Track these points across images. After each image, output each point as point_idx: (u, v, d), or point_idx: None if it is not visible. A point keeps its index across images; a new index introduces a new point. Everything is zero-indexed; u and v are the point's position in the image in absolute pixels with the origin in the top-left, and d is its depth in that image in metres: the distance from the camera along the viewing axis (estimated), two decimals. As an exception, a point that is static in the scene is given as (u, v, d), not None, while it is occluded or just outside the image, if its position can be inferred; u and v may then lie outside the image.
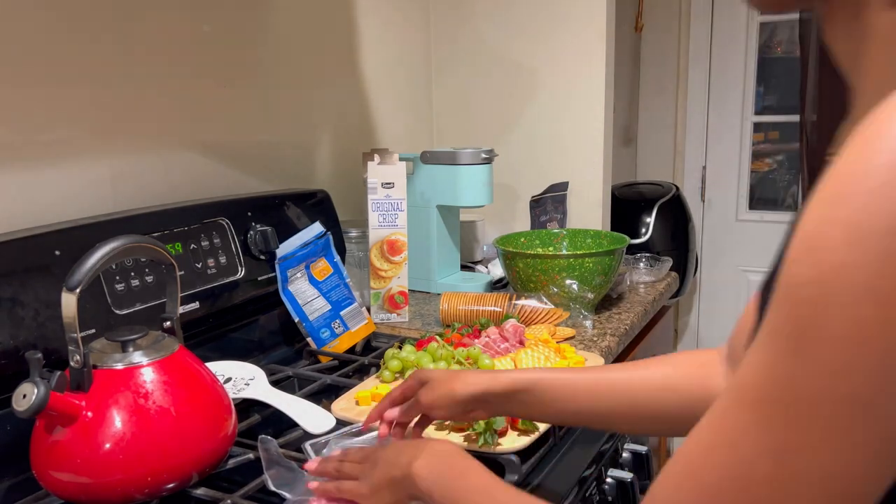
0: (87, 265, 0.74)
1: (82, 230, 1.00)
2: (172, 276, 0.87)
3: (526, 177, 1.94)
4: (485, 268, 1.79)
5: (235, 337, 1.24)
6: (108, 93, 1.15)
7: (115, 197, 1.16)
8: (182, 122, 1.28)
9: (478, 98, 1.98)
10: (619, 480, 0.98)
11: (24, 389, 0.70)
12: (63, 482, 0.75)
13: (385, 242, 1.40)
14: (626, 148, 2.83)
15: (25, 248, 0.92)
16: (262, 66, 1.45)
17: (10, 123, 1.02)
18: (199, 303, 1.12)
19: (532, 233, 1.68)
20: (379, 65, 1.80)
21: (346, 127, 1.71)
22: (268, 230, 1.24)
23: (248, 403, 1.01)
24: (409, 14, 1.93)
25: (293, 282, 1.25)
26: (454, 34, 1.98)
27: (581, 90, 1.87)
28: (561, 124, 1.91)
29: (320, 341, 1.25)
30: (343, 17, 1.68)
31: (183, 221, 1.13)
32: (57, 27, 1.06)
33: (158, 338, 0.83)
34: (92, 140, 1.13)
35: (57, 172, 1.08)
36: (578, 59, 1.84)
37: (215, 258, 1.17)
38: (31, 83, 1.04)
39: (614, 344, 1.31)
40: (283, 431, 0.95)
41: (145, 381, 0.77)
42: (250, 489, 0.81)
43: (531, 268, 1.43)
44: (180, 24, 1.26)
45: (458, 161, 1.53)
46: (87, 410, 0.74)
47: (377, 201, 1.38)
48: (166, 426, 0.77)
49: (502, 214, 1.97)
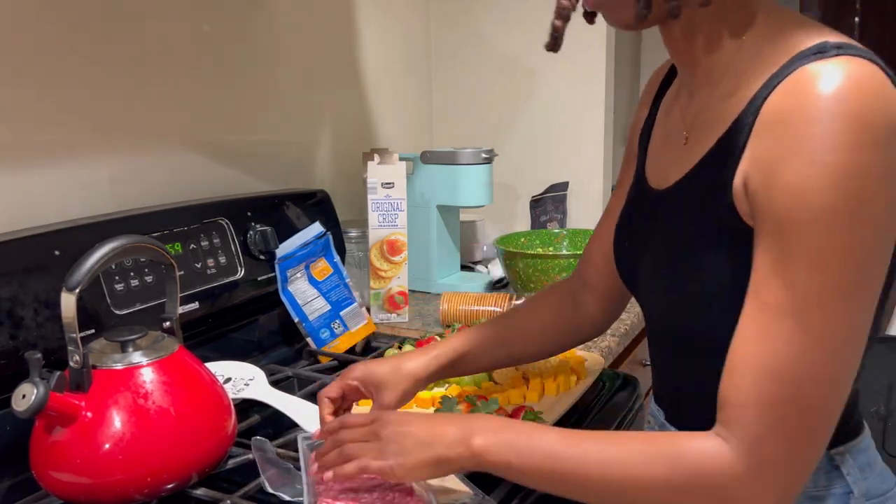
0: (86, 265, 0.74)
1: (82, 230, 1.00)
2: (172, 277, 0.86)
3: (526, 177, 1.94)
4: (485, 268, 1.79)
5: (235, 337, 1.23)
6: (108, 93, 1.15)
7: (114, 197, 1.16)
8: (181, 122, 1.28)
9: (478, 98, 1.98)
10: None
11: (24, 390, 0.70)
12: (62, 482, 0.75)
13: (385, 242, 1.40)
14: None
15: (25, 249, 0.92)
16: (262, 66, 1.44)
17: (9, 123, 1.02)
18: (199, 303, 1.12)
19: (532, 233, 1.68)
20: (379, 65, 1.80)
21: (346, 127, 1.71)
22: (267, 230, 1.24)
23: (248, 404, 1.00)
24: (408, 14, 1.92)
25: (293, 282, 1.25)
26: (454, 34, 1.97)
27: (581, 90, 1.87)
28: (561, 124, 1.91)
29: (320, 341, 1.25)
30: (343, 18, 1.68)
31: (182, 221, 1.13)
32: (56, 27, 1.06)
33: (158, 338, 0.83)
34: (91, 140, 1.13)
35: (56, 172, 1.08)
36: (578, 58, 1.83)
37: (215, 258, 1.16)
38: (31, 83, 1.04)
39: (614, 344, 1.31)
40: (282, 432, 0.95)
41: (145, 381, 0.77)
42: (250, 489, 0.81)
43: (531, 268, 1.43)
44: (180, 24, 1.26)
45: (457, 161, 1.53)
46: (87, 411, 0.74)
47: (377, 201, 1.38)
48: (166, 426, 0.76)
49: (502, 214, 1.97)
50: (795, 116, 0.56)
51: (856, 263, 0.55)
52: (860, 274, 0.56)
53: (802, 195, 0.54)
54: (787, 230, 0.56)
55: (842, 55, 0.56)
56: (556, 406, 0.98)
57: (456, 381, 1.04)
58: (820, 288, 0.55)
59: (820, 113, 0.54)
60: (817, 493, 0.69)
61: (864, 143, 0.53)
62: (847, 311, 0.56)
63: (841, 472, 0.69)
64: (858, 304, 0.57)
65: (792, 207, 0.55)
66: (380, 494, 0.74)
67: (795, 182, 0.55)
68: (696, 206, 0.65)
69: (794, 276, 0.56)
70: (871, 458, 0.71)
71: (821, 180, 0.54)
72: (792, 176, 0.55)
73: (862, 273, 0.56)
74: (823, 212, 0.54)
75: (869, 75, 0.55)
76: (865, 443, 0.71)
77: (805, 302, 0.56)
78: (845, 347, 0.57)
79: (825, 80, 0.55)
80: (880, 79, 0.55)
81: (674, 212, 0.70)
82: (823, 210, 0.54)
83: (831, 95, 0.54)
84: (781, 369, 0.56)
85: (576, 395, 1.02)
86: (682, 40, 0.69)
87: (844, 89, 0.54)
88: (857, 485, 0.69)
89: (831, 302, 0.55)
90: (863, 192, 0.54)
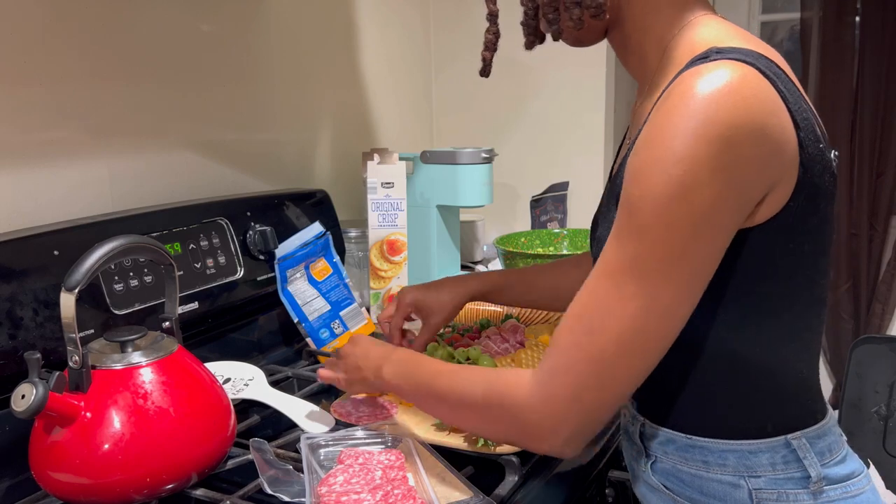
0: (85, 265, 0.73)
1: (81, 230, 0.99)
2: (171, 277, 0.86)
3: (526, 177, 1.93)
4: (485, 268, 1.79)
5: (235, 337, 1.23)
6: (107, 92, 1.14)
7: (113, 197, 1.16)
8: (181, 121, 1.28)
9: (478, 97, 1.98)
10: (619, 481, 0.98)
11: (23, 390, 0.70)
12: (62, 483, 0.75)
13: (385, 242, 1.40)
14: (626, 148, 2.82)
15: (24, 248, 0.92)
16: (261, 65, 1.44)
17: (8, 123, 1.02)
18: (199, 303, 1.12)
19: (532, 233, 1.68)
20: (378, 65, 1.80)
21: (346, 127, 1.70)
22: (267, 230, 1.24)
23: (248, 404, 1.00)
24: (408, 14, 1.92)
25: (292, 282, 1.25)
26: (454, 34, 1.97)
27: (581, 90, 1.87)
28: (561, 124, 1.91)
29: (320, 342, 1.25)
30: (343, 17, 1.68)
31: (182, 221, 1.13)
32: (56, 27, 1.06)
33: (157, 338, 0.83)
34: (91, 139, 1.13)
35: (55, 172, 1.08)
36: (578, 58, 1.83)
37: (214, 258, 1.16)
38: (30, 82, 1.04)
39: (614, 344, 1.31)
40: (282, 432, 0.95)
41: (144, 381, 0.77)
42: (249, 490, 0.80)
43: (531, 268, 1.43)
44: (180, 23, 1.26)
45: (457, 161, 1.53)
46: (86, 411, 0.74)
47: (377, 201, 1.38)
48: (165, 427, 0.76)
49: (502, 214, 1.96)
50: (658, 112, 0.62)
51: (675, 242, 0.61)
52: (679, 253, 0.61)
53: (639, 174, 0.62)
54: (624, 205, 0.63)
55: (719, 59, 0.61)
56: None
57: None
58: (637, 257, 0.62)
59: (677, 108, 0.60)
60: (775, 475, 0.71)
61: (705, 135, 0.58)
62: (658, 284, 0.62)
63: (797, 456, 0.71)
64: (672, 280, 0.62)
65: (631, 184, 0.63)
66: (382, 495, 0.74)
67: (638, 163, 0.62)
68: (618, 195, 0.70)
69: (621, 244, 0.63)
70: (832, 444, 0.73)
71: (656, 163, 0.60)
72: (639, 158, 0.62)
73: (682, 252, 0.61)
74: (651, 189, 0.60)
75: (734, 76, 0.60)
76: (826, 429, 0.73)
77: (624, 266, 0.63)
78: (649, 316, 0.63)
79: (692, 80, 0.61)
80: (747, 81, 0.60)
81: (608, 201, 0.77)
82: (651, 188, 0.60)
83: (691, 93, 0.60)
84: (585, 319, 0.65)
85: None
86: (620, 52, 0.79)
87: (704, 87, 0.60)
88: (815, 469, 0.70)
89: (645, 269, 0.62)
90: (690, 177, 0.59)
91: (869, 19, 2.34)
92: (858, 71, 2.38)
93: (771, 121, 0.61)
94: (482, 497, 0.77)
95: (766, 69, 0.62)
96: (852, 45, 2.36)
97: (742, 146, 0.59)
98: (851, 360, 2.09)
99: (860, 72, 2.37)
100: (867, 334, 2.31)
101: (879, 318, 2.49)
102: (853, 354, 2.09)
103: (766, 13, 2.66)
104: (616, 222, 0.65)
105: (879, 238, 2.47)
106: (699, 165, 0.58)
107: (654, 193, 0.60)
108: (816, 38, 2.40)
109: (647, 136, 0.62)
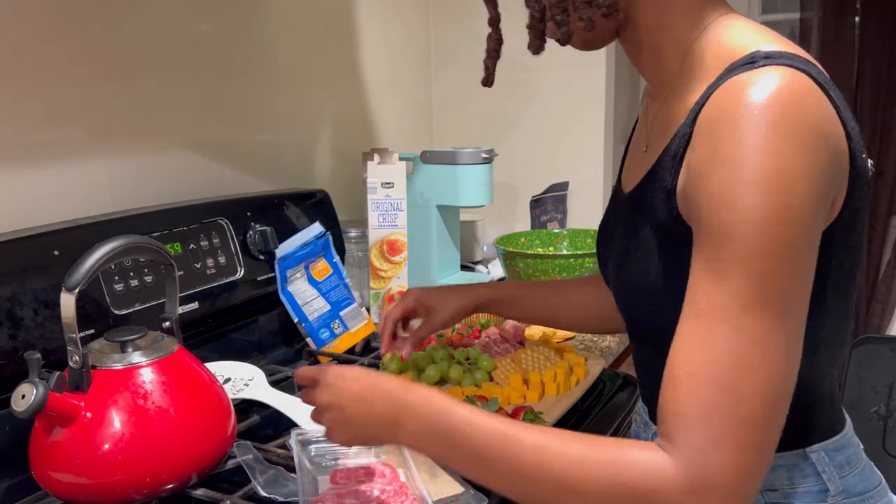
0: (85, 265, 0.73)
1: (81, 230, 0.99)
2: (171, 277, 0.86)
3: (526, 177, 1.93)
4: (485, 268, 1.79)
5: (235, 337, 1.23)
6: (107, 92, 1.14)
7: (113, 197, 1.16)
8: (181, 121, 1.28)
9: (478, 97, 1.98)
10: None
11: (23, 390, 0.70)
12: (62, 483, 0.75)
13: (385, 242, 1.40)
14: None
15: (24, 249, 0.92)
16: (261, 65, 1.44)
17: (8, 123, 1.02)
18: (199, 303, 1.12)
19: (532, 233, 1.68)
20: (378, 65, 1.80)
21: (345, 127, 1.70)
22: (267, 230, 1.24)
23: (248, 404, 1.00)
24: (408, 14, 1.92)
25: (292, 282, 1.25)
26: (454, 33, 1.97)
27: (581, 90, 1.87)
28: (561, 124, 1.90)
29: (320, 342, 1.25)
30: (343, 17, 1.68)
31: (182, 221, 1.13)
32: (55, 27, 1.06)
33: (157, 338, 0.83)
34: (91, 139, 1.13)
35: (55, 172, 1.08)
36: (578, 59, 1.82)
37: (214, 258, 1.16)
38: (30, 83, 1.04)
39: (614, 344, 1.31)
40: (282, 432, 0.95)
41: (144, 381, 0.77)
42: (249, 490, 0.80)
43: (531, 268, 1.43)
44: (180, 24, 1.26)
45: (457, 161, 1.53)
46: (86, 411, 0.74)
47: (377, 201, 1.38)
48: (165, 427, 0.76)
49: (502, 214, 1.96)
50: (720, 125, 0.57)
51: (786, 263, 0.55)
52: (791, 274, 0.56)
53: (726, 198, 0.55)
54: (715, 234, 0.56)
55: (769, 65, 0.58)
56: (555, 406, 0.98)
57: (456, 380, 1.04)
58: (751, 290, 0.54)
59: (743, 120, 0.56)
60: (792, 489, 0.69)
61: (785, 149, 0.55)
62: (781, 312, 0.55)
63: (816, 470, 0.69)
64: (792, 304, 0.56)
65: (717, 210, 0.56)
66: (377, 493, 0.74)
67: (719, 186, 0.56)
68: (648, 210, 0.67)
69: (724, 279, 0.55)
70: (852, 456, 0.71)
71: (744, 184, 0.55)
72: (716, 180, 0.56)
73: (792, 273, 0.56)
74: (747, 212, 0.54)
75: (795, 84, 0.57)
76: (845, 441, 0.71)
77: (738, 305, 0.55)
78: (783, 348, 0.55)
79: (749, 89, 0.57)
80: (804, 86, 0.57)
81: (631, 215, 0.73)
82: (747, 211, 0.54)
83: (754, 104, 0.56)
84: (719, 378, 0.55)
85: (575, 395, 1.02)
86: (632, 53, 0.74)
87: (766, 98, 0.56)
88: (833, 483, 0.69)
89: (764, 304, 0.54)
90: (788, 192, 0.54)
91: (869, 19, 2.34)
92: (858, 71, 2.38)
93: (834, 130, 0.58)
94: (473, 492, 0.77)
95: (818, 76, 0.59)
96: (852, 45, 2.36)
97: (818, 155, 0.56)
98: (851, 361, 2.09)
99: (860, 72, 2.38)
100: (867, 334, 2.31)
101: (879, 318, 2.49)
102: (853, 354, 2.09)
103: (765, 13, 2.66)
104: (702, 254, 0.58)
105: (879, 238, 2.47)
106: (793, 180, 0.54)
107: (754, 216, 0.54)
108: (816, 39, 2.40)
109: (716, 154, 0.57)
